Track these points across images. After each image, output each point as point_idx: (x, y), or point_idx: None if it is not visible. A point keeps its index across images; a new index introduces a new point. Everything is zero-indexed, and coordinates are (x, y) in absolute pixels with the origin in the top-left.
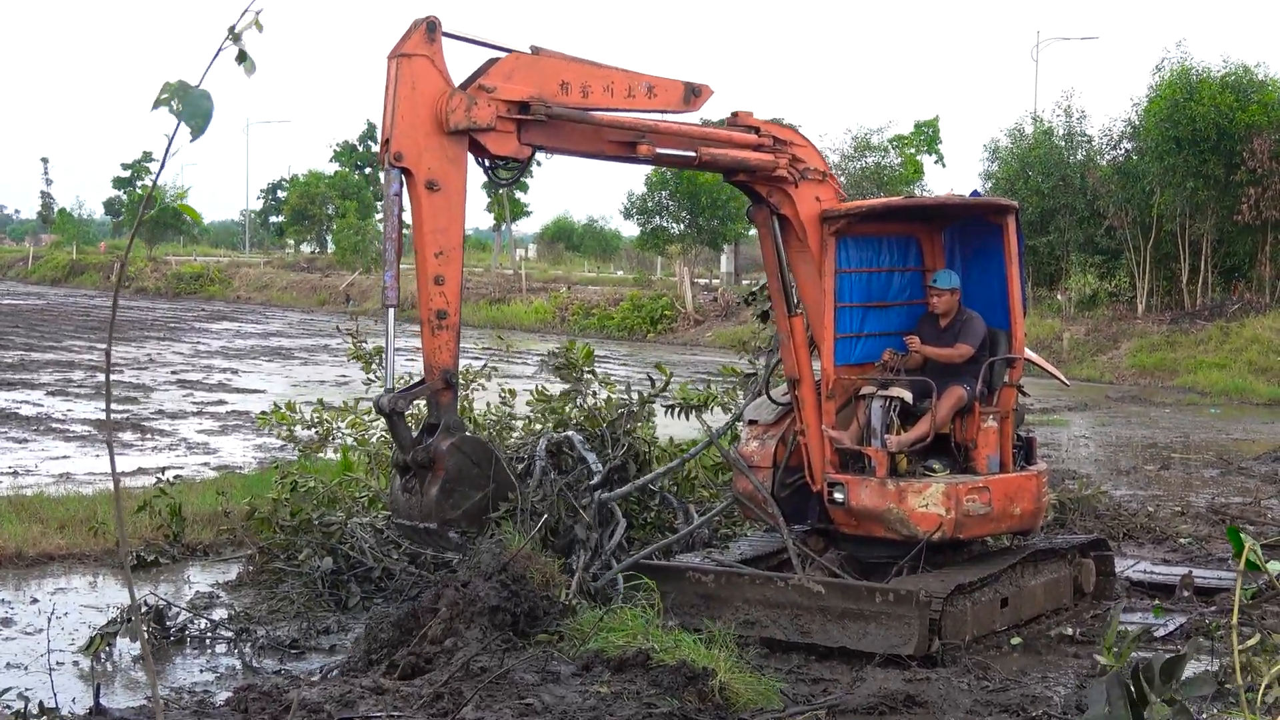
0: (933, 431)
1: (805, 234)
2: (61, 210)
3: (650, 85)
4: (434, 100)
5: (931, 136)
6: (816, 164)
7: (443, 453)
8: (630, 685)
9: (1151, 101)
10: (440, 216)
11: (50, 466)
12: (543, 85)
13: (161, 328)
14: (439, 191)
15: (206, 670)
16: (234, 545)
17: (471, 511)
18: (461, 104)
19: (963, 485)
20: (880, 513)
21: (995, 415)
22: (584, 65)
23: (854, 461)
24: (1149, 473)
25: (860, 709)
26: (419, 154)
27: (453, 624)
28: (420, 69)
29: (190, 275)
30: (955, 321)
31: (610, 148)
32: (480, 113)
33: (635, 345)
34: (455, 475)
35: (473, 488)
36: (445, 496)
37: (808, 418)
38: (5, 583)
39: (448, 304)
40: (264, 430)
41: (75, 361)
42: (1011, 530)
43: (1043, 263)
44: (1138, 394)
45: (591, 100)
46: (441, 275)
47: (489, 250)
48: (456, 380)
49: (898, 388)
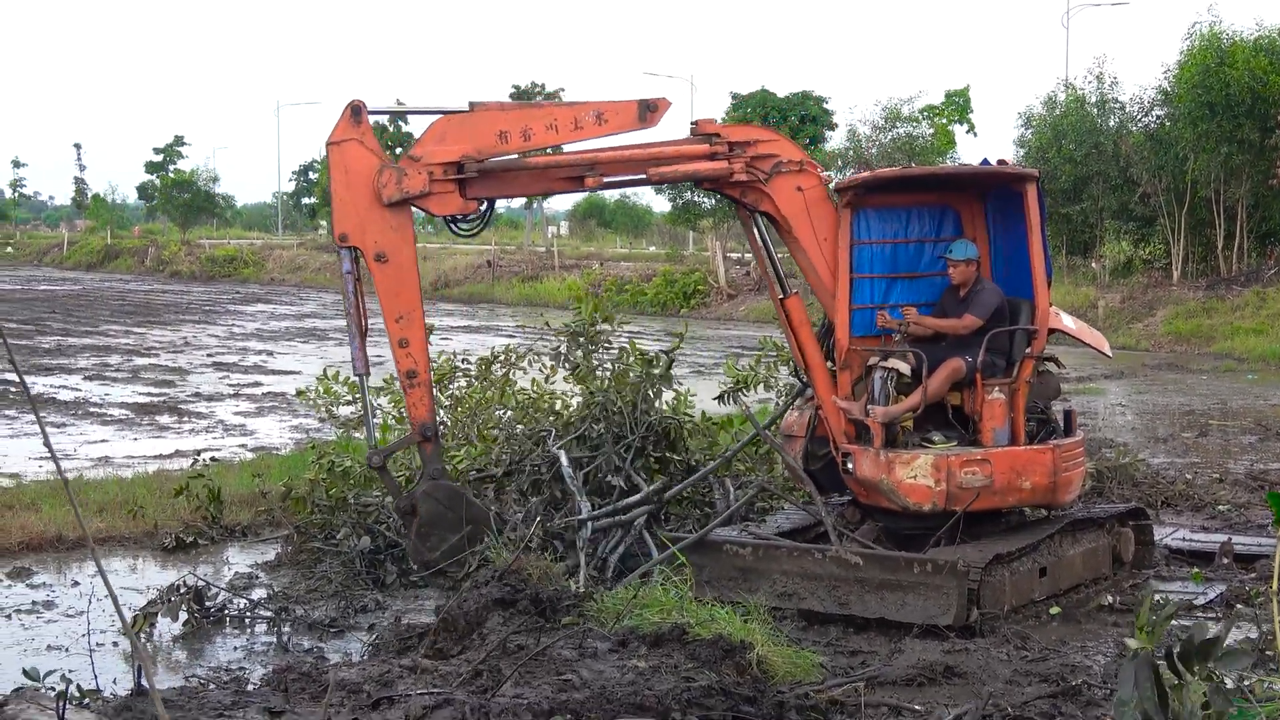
0: (923, 403)
1: (790, 225)
2: (95, 196)
3: (599, 112)
4: (368, 178)
5: (963, 106)
6: (791, 155)
7: (417, 502)
8: (668, 659)
9: (1183, 67)
10: (393, 284)
11: (88, 450)
12: (478, 140)
13: (196, 311)
14: (388, 262)
15: (245, 650)
16: (272, 526)
17: (449, 551)
18: (392, 178)
19: (956, 457)
20: (875, 483)
21: (1004, 387)
22: (521, 110)
23: (865, 432)
24: (1187, 440)
25: (899, 680)
26: (362, 230)
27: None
28: (351, 153)
29: (224, 258)
30: (972, 292)
31: (559, 185)
32: (411, 182)
33: (668, 321)
34: (429, 520)
35: (447, 530)
36: (422, 540)
37: (820, 393)
38: (46, 566)
39: (415, 363)
40: (303, 408)
41: (112, 346)
42: (1025, 504)
43: (1076, 231)
44: (1174, 361)
45: (535, 142)
46: (405, 338)
47: (521, 228)
48: (435, 433)
49: (895, 359)
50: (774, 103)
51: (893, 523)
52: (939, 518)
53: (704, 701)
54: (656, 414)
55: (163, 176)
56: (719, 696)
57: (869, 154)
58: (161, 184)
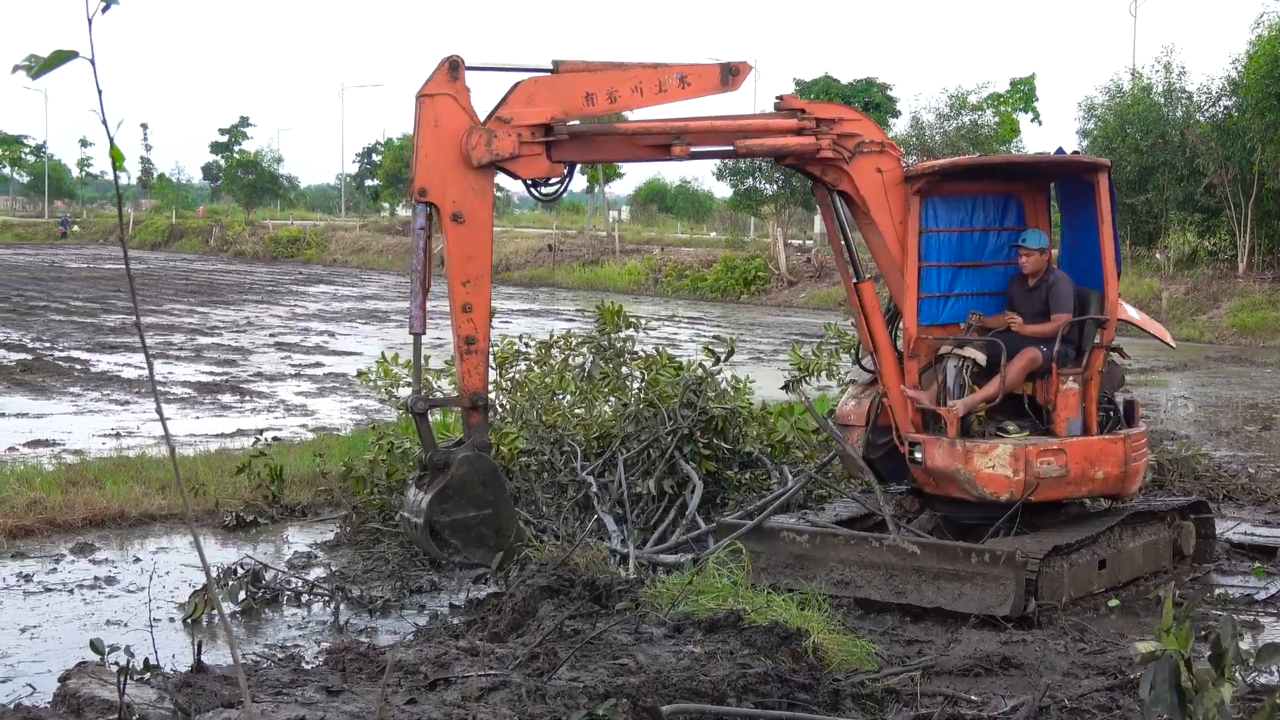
0: (1001, 393)
1: (868, 206)
2: (161, 175)
3: (682, 75)
4: (457, 137)
5: (1028, 94)
6: (874, 135)
7: (455, 460)
8: (723, 645)
9: (1251, 57)
10: (467, 247)
11: (152, 428)
12: (566, 102)
13: (259, 291)
14: (464, 223)
15: (302, 629)
16: (331, 506)
17: (459, 525)
18: (481, 140)
19: (1034, 447)
20: (950, 473)
21: (1077, 377)
22: (607, 72)
23: (934, 421)
24: (1249, 433)
25: (955, 670)
26: (444, 188)
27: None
28: (444, 107)
29: (287, 239)
30: (1043, 283)
31: (645, 151)
32: (501, 144)
33: (728, 306)
34: (458, 485)
35: (470, 504)
36: (440, 500)
37: (887, 380)
38: (109, 542)
39: (475, 330)
40: (364, 389)
41: (175, 325)
42: (1095, 494)
43: (1141, 221)
44: (1238, 354)
45: (621, 104)
46: (469, 303)
47: (582, 213)
48: (485, 403)
49: (971, 348)
50: (837, 89)
51: (957, 512)
52: (1005, 508)
53: (759, 688)
54: (702, 402)
55: (227, 157)
56: (774, 683)
57: (932, 142)
58: (226, 164)
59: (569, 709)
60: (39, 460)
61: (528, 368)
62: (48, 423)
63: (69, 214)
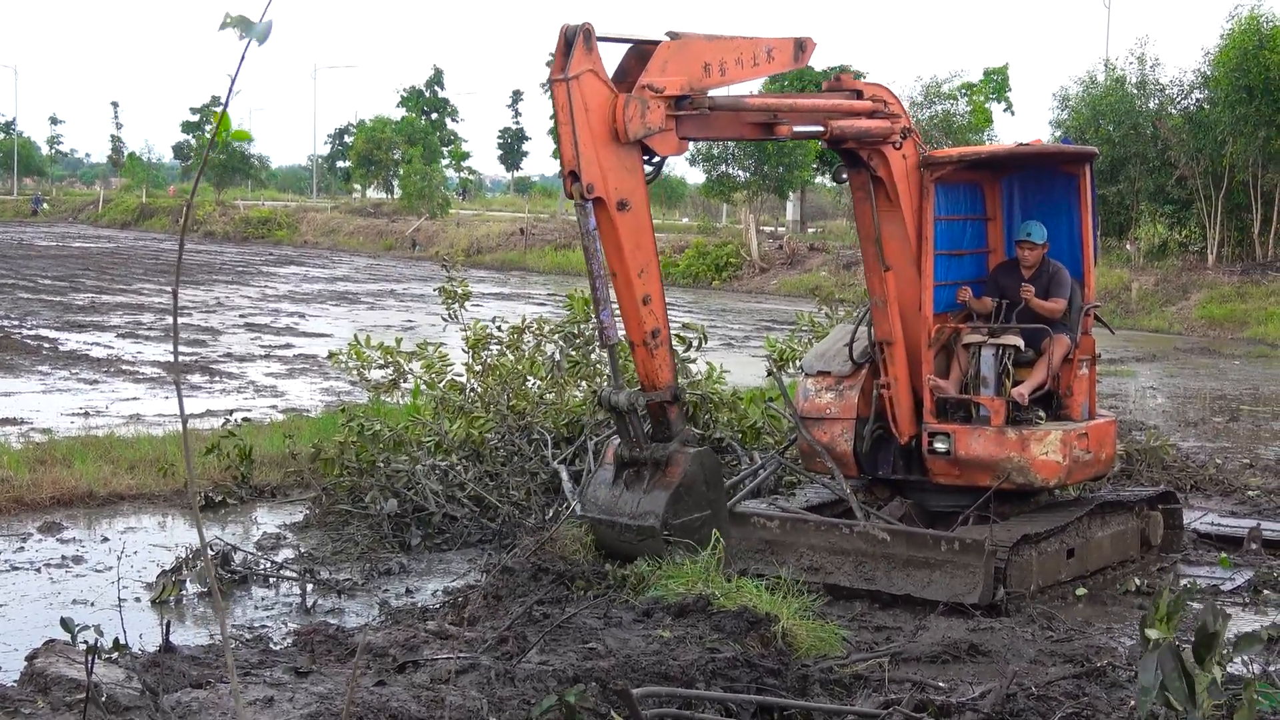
0: (1049, 379)
1: (897, 193)
2: (131, 154)
3: (769, 49)
4: (606, 115)
5: (1001, 84)
6: (906, 122)
7: (684, 459)
8: (692, 630)
9: (1222, 51)
10: (634, 234)
11: (120, 408)
12: (690, 72)
13: (229, 271)
14: (629, 209)
15: (270, 611)
16: (301, 487)
17: (686, 527)
18: (636, 111)
19: (1072, 432)
20: (997, 461)
21: (1087, 362)
22: (717, 42)
23: (955, 410)
24: (1217, 424)
25: (923, 657)
26: (604, 177)
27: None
28: (590, 87)
29: (258, 219)
30: (1042, 273)
31: (749, 130)
32: (653, 117)
33: (700, 293)
34: (688, 485)
35: (696, 504)
36: (674, 501)
37: (897, 372)
38: (77, 521)
39: (658, 320)
40: (335, 371)
41: (145, 304)
42: (1096, 476)
43: (1112, 212)
44: (1206, 345)
45: (728, 77)
46: (648, 294)
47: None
48: (683, 395)
49: (1010, 336)
50: (810, 76)
51: (937, 502)
52: (1015, 496)
53: (728, 673)
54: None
55: (199, 136)
56: (743, 668)
57: None
58: (198, 144)
59: (538, 692)
60: (6, 439)
61: (500, 351)
62: (15, 401)
63: (39, 191)
